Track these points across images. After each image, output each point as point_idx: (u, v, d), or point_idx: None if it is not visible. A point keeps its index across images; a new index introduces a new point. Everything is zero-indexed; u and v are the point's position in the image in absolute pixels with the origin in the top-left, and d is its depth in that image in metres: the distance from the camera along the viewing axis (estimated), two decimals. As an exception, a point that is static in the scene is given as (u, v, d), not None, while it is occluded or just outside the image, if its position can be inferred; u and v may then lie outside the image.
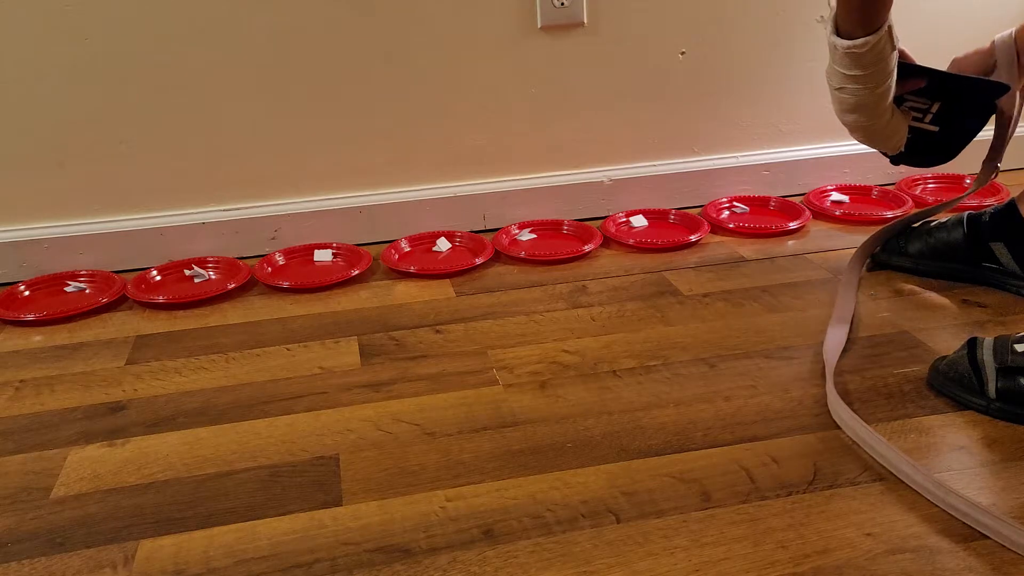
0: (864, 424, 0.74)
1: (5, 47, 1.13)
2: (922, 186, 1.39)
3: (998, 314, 0.96)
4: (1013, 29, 0.93)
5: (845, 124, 0.94)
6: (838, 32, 0.85)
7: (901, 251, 1.08)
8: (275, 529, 0.68)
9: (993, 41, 0.94)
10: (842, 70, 0.87)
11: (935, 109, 0.94)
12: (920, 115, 0.95)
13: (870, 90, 0.87)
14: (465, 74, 1.25)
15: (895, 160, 0.99)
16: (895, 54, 0.86)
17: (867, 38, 0.83)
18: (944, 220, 1.06)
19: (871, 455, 0.72)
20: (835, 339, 0.90)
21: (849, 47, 0.84)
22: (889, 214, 1.27)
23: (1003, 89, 0.92)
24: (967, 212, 1.05)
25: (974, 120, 0.96)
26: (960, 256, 1.03)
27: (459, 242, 1.27)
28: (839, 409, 0.77)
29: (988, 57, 0.94)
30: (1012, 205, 0.99)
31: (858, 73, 0.86)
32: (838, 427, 0.76)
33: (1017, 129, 0.99)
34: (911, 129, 0.95)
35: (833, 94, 0.91)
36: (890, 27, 0.83)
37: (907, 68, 0.89)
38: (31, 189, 1.20)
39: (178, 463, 0.78)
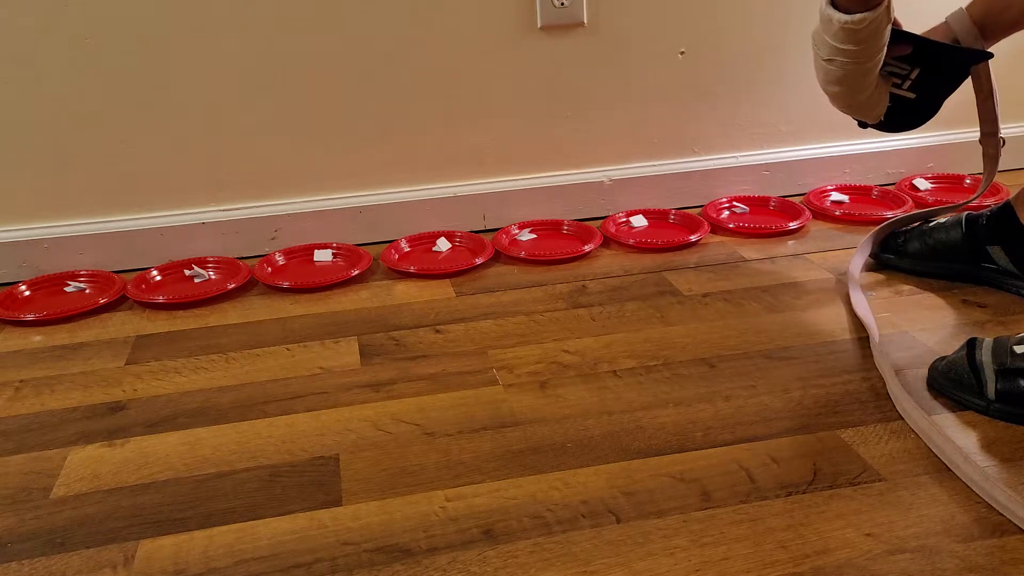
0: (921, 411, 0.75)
1: (5, 47, 1.13)
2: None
3: (998, 314, 0.96)
4: (963, 7, 0.93)
5: (827, 94, 0.92)
6: (835, 5, 0.82)
7: (900, 251, 1.08)
8: (275, 529, 0.68)
9: (946, 20, 0.93)
10: (835, 43, 0.84)
11: (914, 75, 0.92)
12: (899, 81, 0.93)
13: (859, 64, 0.85)
14: (465, 74, 1.25)
15: (864, 124, 0.97)
16: (889, 27, 0.83)
17: (866, 14, 0.80)
18: (943, 220, 1.06)
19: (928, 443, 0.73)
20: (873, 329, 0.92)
21: (847, 23, 0.81)
22: (889, 214, 1.26)
23: (986, 56, 0.92)
24: (966, 212, 1.05)
25: (949, 86, 0.95)
26: (959, 256, 1.03)
27: (459, 242, 1.27)
28: (900, 396, 0.78)
29: (945, 34, 0.93)
30: (1008, 208, 0.99)
31: (851, 48, 0.83)
32: (839, 427, 0.76)
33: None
34: (890, 97, 0.93)
35: (818, 63, 0.88)
36: (889, 2, 0.80)
37: (894, 34, 0.87)
38: (31, 189, 1.20)
39: (178, 463, 0.78)
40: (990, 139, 1.01)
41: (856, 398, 0.81)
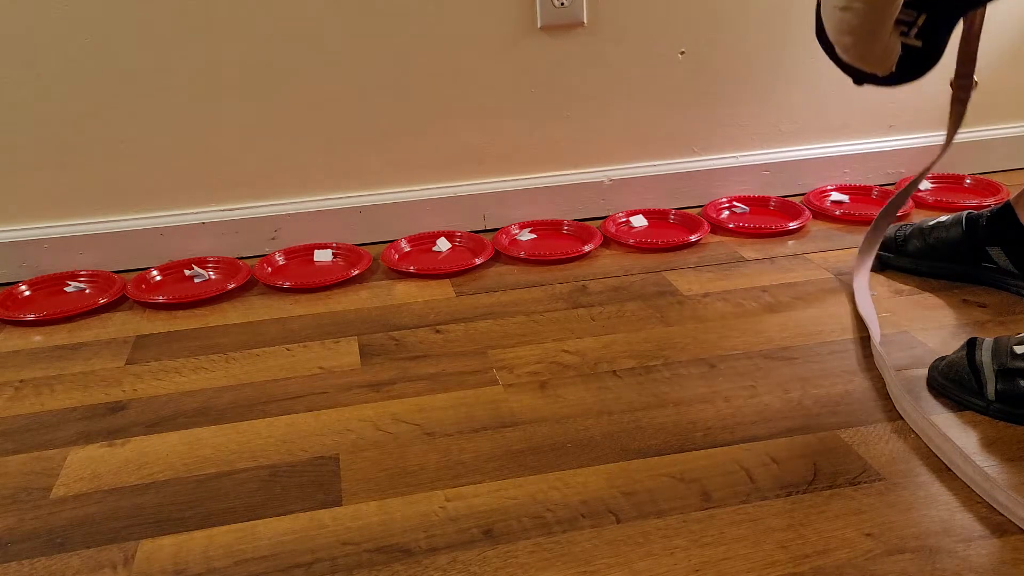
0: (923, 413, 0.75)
1: (5, 47, 1.13)
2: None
3: (998, 314, 0.96)
4: None
5: (838, 45, 0.87)
6: None
7: (900, 250, 1.08)
8: (275, 529, 0.68)
9: None
10: None
11: (920, 21, 0.86)
12: (906, 29, 0.87)
13: (879, 10, 0.80)
14: (465, 74, 1.25)
15: (860, 80, 0.91)
16: None
17: None
18: (943, 219, 1.06)
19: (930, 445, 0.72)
20: (873, 328, 0.91)
21: None
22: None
23: None
24: (966, 212, 1.04)
25: (949, 32, 0.88)
26: (959, 256, 1.03)
27: (459, 242, 1.27)
28: (901, 398, 0.78)
29: None
30: (1008, 208, 0.99)
31: None
32: (839, 427, 0.76)
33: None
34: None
35: (831, 13, 0.84)
36: None
37: None
38: (31, 189, 1.20)
39: (178, 463, 0.78)
40: (964, 81, 0.95)
41: (856, 398, 0.81)
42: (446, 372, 0.91)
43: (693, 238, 1.22)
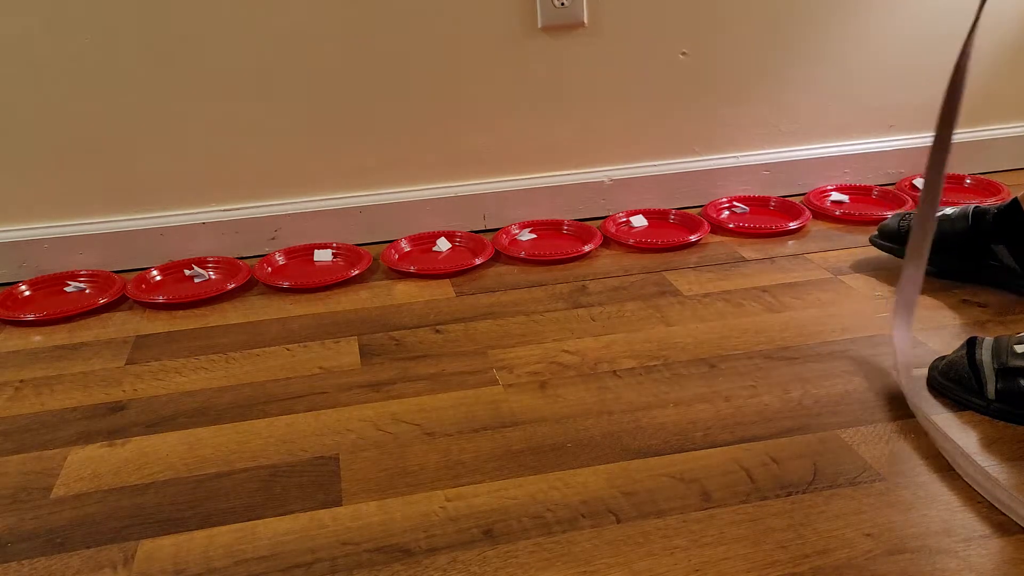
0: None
1: (5, 47, 1.13)
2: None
3: (998, 314, 0.96)
4: None
5: None
6: None
7: (905, 241, 1.07)
8: (275, 529, 0.68)
9: None
10: None
11: None
12: None
13: None
14: (465, 74, 1.25)
15: None
16: None
17: None
18: (949, 212, 1.05)
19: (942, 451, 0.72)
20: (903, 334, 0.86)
21: None
22: (889, 214, 1.26)
23: None
24: (973, 205, 1.03)
25: None
26: (963, 252, 1.03)
27: (459, 242, 1.27)
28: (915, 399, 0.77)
29: None
30: (1015, 205, 0.98)
31: None
32: (839, 427, 0.76)
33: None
34: None
35: None
36: None
37: None
38: (31, 189, 1.20)
39: (178, 463, 0.78)
40: None
41: (856, 398, 0.81)
42: (446, 372, 0.91)
43: (693, 238, 1.22)
